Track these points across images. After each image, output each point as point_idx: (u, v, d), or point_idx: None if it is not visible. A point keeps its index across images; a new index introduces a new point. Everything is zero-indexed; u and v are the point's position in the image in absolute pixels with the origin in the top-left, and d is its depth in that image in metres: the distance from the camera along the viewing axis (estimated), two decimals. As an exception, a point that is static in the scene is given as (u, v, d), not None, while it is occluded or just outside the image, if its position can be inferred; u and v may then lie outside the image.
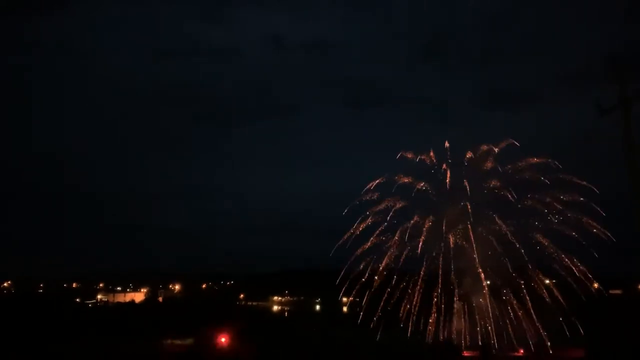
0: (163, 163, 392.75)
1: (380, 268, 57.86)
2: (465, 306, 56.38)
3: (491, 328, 53.93)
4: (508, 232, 53.72)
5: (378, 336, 57.92)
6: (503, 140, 57.28)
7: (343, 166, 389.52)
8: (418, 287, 56.35)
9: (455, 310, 56.06)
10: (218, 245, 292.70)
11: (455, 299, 56.00)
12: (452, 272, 55.43)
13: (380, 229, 58.02)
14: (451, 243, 56.23)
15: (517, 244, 53.33)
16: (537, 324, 52.46)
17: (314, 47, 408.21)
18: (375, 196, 58.31)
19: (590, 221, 52.91)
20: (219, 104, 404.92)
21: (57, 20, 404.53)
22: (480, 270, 54.15)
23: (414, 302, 56.45)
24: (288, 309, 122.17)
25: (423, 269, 56.72)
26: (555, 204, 54.14)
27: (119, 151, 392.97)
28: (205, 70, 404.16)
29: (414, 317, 56.50)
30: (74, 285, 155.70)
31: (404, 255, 57.29)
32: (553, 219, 54.05)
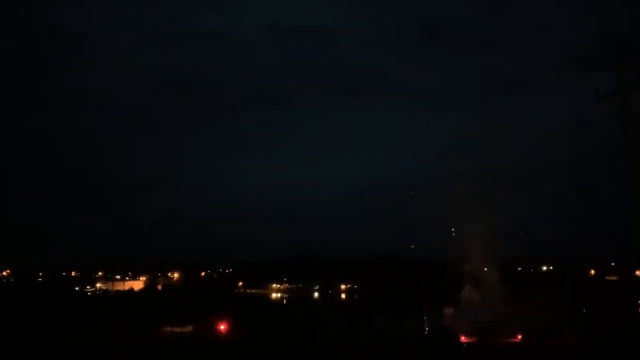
0: (160, 150, 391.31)
1: (381, 254, 58.26)
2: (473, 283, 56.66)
3: (489, 313, 54.30)
4: (509, 219, 54.10)
5: (375, 322, 58.31)
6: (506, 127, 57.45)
7: (342, 154, 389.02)
8: (420, 272, 56.78)
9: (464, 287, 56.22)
10: (216, 233, 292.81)
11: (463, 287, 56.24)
12: (457, 257, 55.77)
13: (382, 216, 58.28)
14: (455, 229, 56.50)
15: (516, 230, 53.70)
16: (535, 310, 52.83)
17: (312, 34, 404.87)
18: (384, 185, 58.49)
19: (586, 208, 53.19)
20: (215, 91, 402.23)
21: (48, 6, 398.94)
22: (482, 255, 54.48)
23: (415, 287, 56.91)
24: (287, 296, 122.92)
25: (426, 254, 57.13)
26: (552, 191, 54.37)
27: (114, 138, 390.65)
28: (201, 58, 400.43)
29: (415, 303, 56.92)
30: (73, 273, 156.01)
31: (408, 242, 57.64)
32: (550, 206, 54.39)
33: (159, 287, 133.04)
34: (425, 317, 57.23)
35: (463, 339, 55.43)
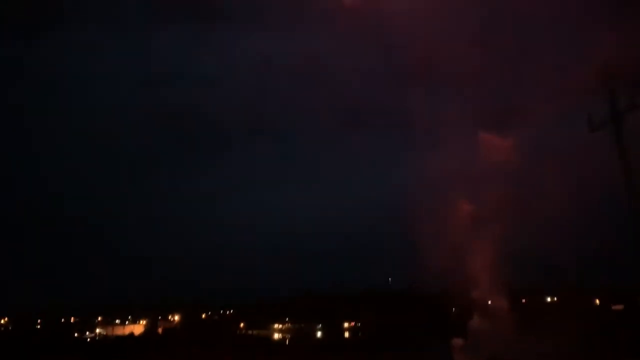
0: (153, 189, 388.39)
1: (383, 289, 57.97)
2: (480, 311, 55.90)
3: (499, 345, 53.54)
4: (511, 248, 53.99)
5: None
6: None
7: (338, 189, 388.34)
8: (424, 304, 56.29)
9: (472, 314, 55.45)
10: (215, 273, 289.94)
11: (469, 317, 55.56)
12: (461, 288, 55.28)
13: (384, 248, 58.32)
14: (458, 259, 56.16)
15: (519, 260, 53.57)
16: (544, 341, 52.25)
17: (305, 67, 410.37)
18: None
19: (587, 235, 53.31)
20: (212, 128, 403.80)
21: (37, 47, 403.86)
22: (488, 286, 54.06)
23: (420, 321, 56.33)
24: (289, 336, 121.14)
25: (430, 285, 56.72)
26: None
27: (104, 177, 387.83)
28: (197, 96, 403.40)
29: (421, 337, 56.22)
30: (72, 319, 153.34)
31: (412, 275, 57.42)
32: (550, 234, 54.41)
33: (160, 330, 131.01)
34: (432, 351, 56.46)
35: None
